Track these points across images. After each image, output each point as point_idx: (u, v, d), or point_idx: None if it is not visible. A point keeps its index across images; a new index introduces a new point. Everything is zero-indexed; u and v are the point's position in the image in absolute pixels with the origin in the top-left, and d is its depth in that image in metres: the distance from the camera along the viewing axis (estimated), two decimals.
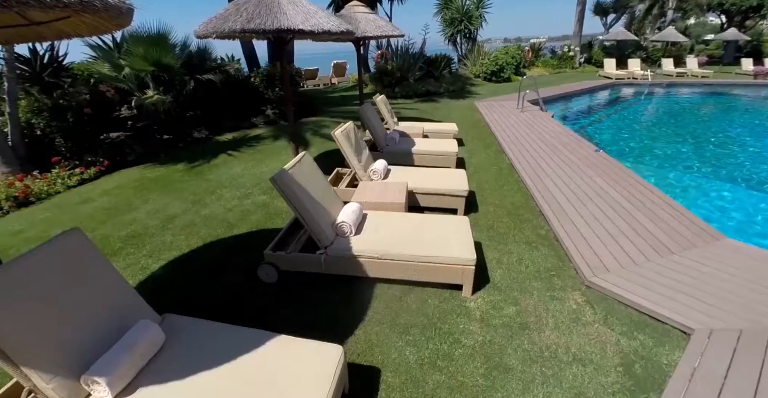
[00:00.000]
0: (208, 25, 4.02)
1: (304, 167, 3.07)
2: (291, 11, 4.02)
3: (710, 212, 4.96)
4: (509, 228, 3.98)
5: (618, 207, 4.18)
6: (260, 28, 3.76)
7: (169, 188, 5.32)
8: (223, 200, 4.84)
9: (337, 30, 4.18)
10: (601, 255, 3.32)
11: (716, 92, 14.55)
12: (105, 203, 4.94)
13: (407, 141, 5.94)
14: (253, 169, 5.95)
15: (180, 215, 4.48)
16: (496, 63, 15.92)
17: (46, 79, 7.66)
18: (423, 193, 4.17)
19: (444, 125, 7.18)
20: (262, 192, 5.04)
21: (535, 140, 7.12)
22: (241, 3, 4.13)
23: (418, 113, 10.49)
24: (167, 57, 7.73)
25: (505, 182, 5.25)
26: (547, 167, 5.61)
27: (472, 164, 6.03)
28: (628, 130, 9.51)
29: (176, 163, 6.47)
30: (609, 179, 4.95)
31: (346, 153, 4.17)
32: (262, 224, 4.17)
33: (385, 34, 6.86)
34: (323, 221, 2.95)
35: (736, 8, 24.23)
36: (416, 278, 2.89)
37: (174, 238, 3.94)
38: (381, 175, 4.34)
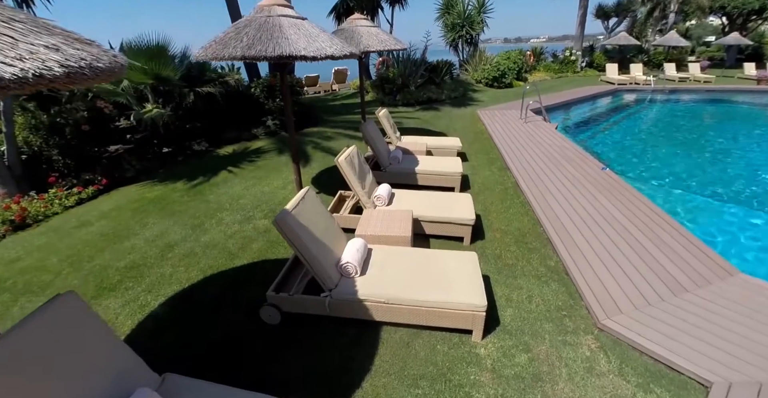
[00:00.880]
0: (207, 49, 3.92)
1: (307, 205, 2.97)
2: (293, 36, 3.93)
3: (722, 240, 4.80)
4: (517, 259, 3.89)
5: (627, 235, 4.08)
6: (261, 55, 3.66)
7: (168, 210, 5.22)
8: (224, 225, 4.75)
9: (340, 54, 4.07)
10: (613, 292, 3.23)
11: (721, 99, 14.43)
12: (103, 228, 4.84)
13: (411, 160, 5.85)
14: (254, 188, 5.85)
15: (179, 242, 4.38)
16: (497, 69, 15.82)
17: (43, 93, 7.57)
18: (429, 221, 4.07)
19: (447, 140, 7.08)
20: (263, 215, 4.94)
21: (540, 154, 7.02)
22: (242, 26, 4.03)
23: (420, 122, 10.39)
24: (167, 70, 7.63)
25: (511, 204, 5.15)
26: (552, 187, 5.52)
27: (476, 183, 5.94)
28: (632, 142, 9.40)
29: (175, 180, 6.37)
30: (617, 202, 4.85)
31: (350, 180, 4.08)
32: (264, 253, 4.07)
33: (388, 48, 6.76)
34: (327, 263, 2.85)
35: (737, 11, 24.11)
36: (424, 322, 2.80)
37: (173, 270, 3.85)
38: (385, 201, 4.25)
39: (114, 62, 1.55)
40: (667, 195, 6.07)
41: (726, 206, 5.74)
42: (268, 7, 4.15)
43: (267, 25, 3.95)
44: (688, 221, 5.15)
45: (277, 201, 5.34)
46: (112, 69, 1.53)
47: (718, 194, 6.16)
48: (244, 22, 4.06)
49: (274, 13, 4.10)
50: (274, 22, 4.00)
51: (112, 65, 1.53)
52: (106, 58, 1.50)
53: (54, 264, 4.08)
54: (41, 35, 1.36)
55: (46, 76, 1.21)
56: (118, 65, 1.58)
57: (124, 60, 1.68)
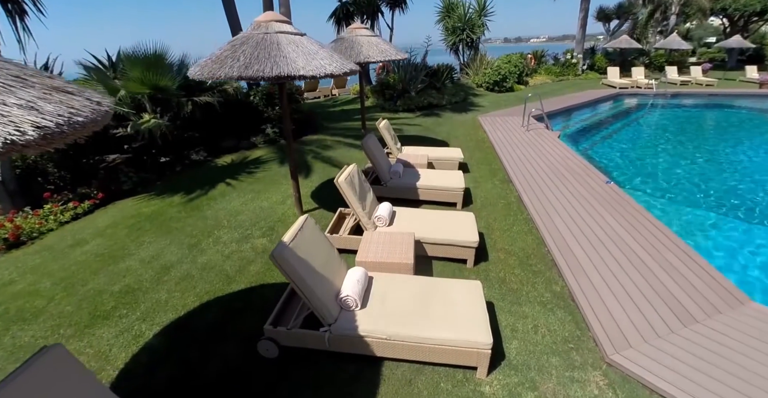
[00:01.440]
0: (203, 68, 3.82)
1: (306, 235, 2.87)
2: (291, 53, 3.83)
3: (729, 261, 4.64)
4: (522, 283, 3.79)
5: (634, 258, 3.98)
6: (259, 75, 3.56)
7: (164, 227, 5.12)
8: (221, 244, 4.65)
9: (340, 72, 3.97)
10: (621, 322, 3.13)
11: (725, 105, 14.28)
12: (98, 247, 4.74)
13: (412, 173, 5.74)
14: (252, 203, 5.75)
15: (176, 263, 4.28)
16: (498, 73, 15.71)
17: None
18: (431, 243, 3.97)
19: (449, 151, 6.98)
20: (262, 234, 4.84)
21: (542, 166, 6.92)
22: (238, 43, 3.94)
23: (421, 129, 10.29)
24: (164, 79, 7.53)
25: (515, 221, 5.05)
26: (556, 202, 5.41)
27: (479, 197, 5.84)
28: (634, 151, 9.25)
29: (173, 194, 6.27)
30: (622, 220, 4.75)
31: (350, 201, 3.98)
32: (262, 277, 3.97)
33: (388, 58, 6.68)
34: (326, 297, 2.75)
35: (739, 13, 23.98)
36: (427, 359, 2.71)
37: (169, 295, 3.75)
38: (386, 221, 4.15)
39: (97, 111, 1.45)
40: (672, 210, 5.95)
41: (734, 222, 5.59)
42: (266, 24, 4.06)
43: (264, 43, 3.86)
44: (694, 239, 5.04)
45: (276, 218, 5.24)
46: (95, 120, 1.42)
47: (726, 210, 6.00)
48: (241, 40, 3.96)
49: (271, 29, 4.01)
50: (271, 39, 3.91)
51: (94, 115, 1.43)
52: (87, 110, 1.40)
53: (47, 288, 3.99)
54: (14, 90, 1.25)
55: (18, 143, 1.11)
56: (101, 113, 1.48)
57: (109, 105, 1.58)
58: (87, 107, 1.41)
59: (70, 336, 3.31)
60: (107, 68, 8.25)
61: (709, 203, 6.29)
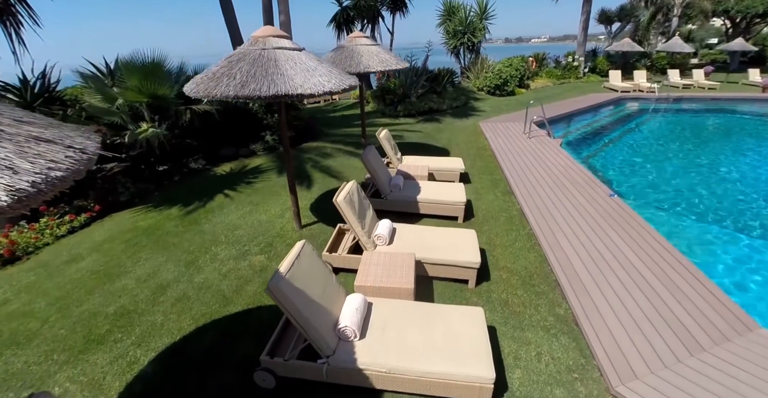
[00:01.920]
0: (198, 85, 3.75)
1: (303, 263, 2.80)
2: (289, 71, 3.75)
3: (738, 280, 4.53)
4: (525, 305, 3.71)
5: (639, 279, 3.90)
6: (255, 94, 3.49)
7: (161, 243, 5.05)
8: (218, 261, 4.58)
9: (339, 89, 3.90)
10: (626, 351, 3.05)
11: (729, 110, 14.13)
12: (94, 264, 4.68)
13: (413, 186, 5.67)
14: (250, 216, 5.68)
15: (172, 282, 4.21)
16: (499, 76, 15.62)
17: (37, 111, 7.43)
18: (432, 263, 3.90)
19: (449, 161, 6.90)
20: (260, 250, 4.77)
21: (544, 176, 6.84)
22: (235, 60, 3.86)
23: (421, 136, 10.21)
24: (162, 88, 7.46)
25: (517, 236, 4.98)
26: (558, 216, 5.34)
27: (480, 209, 5.76)
28: (637, 160, 9.11)
29: (170, 206, 6.20)
30: (627, 237, 4.67)
31: (350, 220, 3.90)
32: (259, 298, 3.90)
33: (389, 68, 6.60)
34: (324, 328, 2.68)
35: (741, 14, 23.86)
36: (428, 392, 2.63)
37: (165, 318, 3.68)
38: (386, 240, 4.07)
39: (79, 161, 1.37)
40: (676, 224, 5.85)
41: (743, 239, 5.45)
42: (263, 39, 3.98)
43: (261, 60, 3.78)
44: (700, 256, 4.94)
45: (275, 232, 5.17)
46: (77, 170, 1.35)
47: (732, 224, 5.88)
48: (238, 56, 3.88)
49: (269, 45, 3.93)
50: (269, 56, 3.83)
51: (76, 165, 1.35)
52: (69, 161, 1.32)
53: (42, 309, 3.92)
54: None
55: None
56: (83, 162, 1.40)
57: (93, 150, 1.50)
58: (68, 158, 1.34)
59: (64, 362, 3.24)
60: (105, 76, 8.20)
61: (715, 216, 6.18)
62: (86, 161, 1.43)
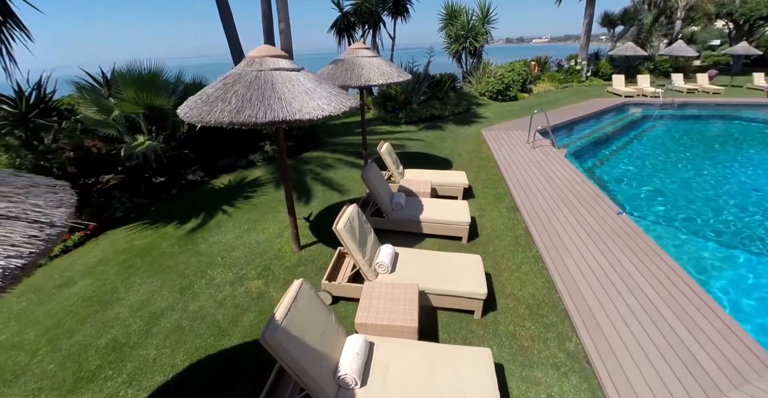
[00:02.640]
0: (192, 109, 3.60)
1: (300, 306, 2.64)
2: (287, 94, 3.60)
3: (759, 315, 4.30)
4: (533, 339, 3.55)
5: (651, 310, 3.74)
6: (251, 121, 3.33)
7: (156, 265, 4.91)
8: (214, 287, 4.43)
9: (339, 112, 3.74)
10: (642, 395, 2.89)
11: (736, 116, 13.91)
12: (86, 289, 4.53)
13: (415, 204, 5.51)
14: (248, 235, 5.53)
15: (166, 311, 4.07)
16: (502, 81, 15.46)
17: (33, 122, 7.30)
18: (436, 294, 3.74)
19: (453, 175, 6.73)
20: (257, 274, 4.62)
21: (549, 190, 6.68)
22: (230, 82, 3.71)
23: (423, 145, 10.06)
24: (159, 99, 7.32)
25: (523, 259, 4.82)
26: (565, 236, 5.18)
27: (485, 228, 5.60)
28: (643, 172, 8.91)
29: (167, 223, 6.05)
30: (638, 262, 4.51)
31: (350, 249, 3.75)
32: (256, 330, 3.75)
33: (391, 81, 6.43)
34: (323, 377, 2.52)
35: (745, 17, 23.65)
36: None
37: (158, 352, 3.53)
38: (388, 268, 3.92)
39: (47, 240, 1.22)
40: (688, 244, 5.66)
41: (763, 262, 5.28)
42: (260, 60, 3.83)
43: (258, 83, 3.63)
44: (712, 282, 4.77)
45: (273, 254, 5.02)
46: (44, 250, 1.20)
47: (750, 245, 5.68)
48: (233, 78, 3.73)
49: (266, 66, 3.78)
50: (266, 78, 3.68)
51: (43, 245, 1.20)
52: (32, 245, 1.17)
53: (31, 340, 3.78)
54: None
55: None
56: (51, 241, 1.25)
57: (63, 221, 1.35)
58: (33, 239, 1.18)
59: None
60: (102, 86, 8.07)
61: (729, 236, 5.97)
62: (55, 238, 1.27)
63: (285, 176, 4.63)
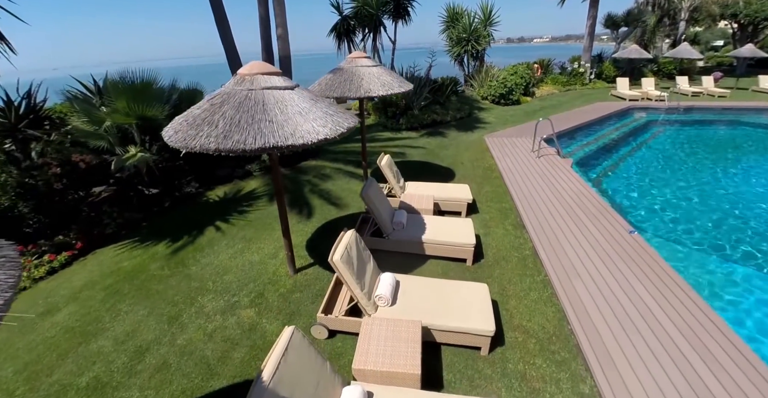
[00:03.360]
0: (177, 132, 3.34)
1: (291, 361, 2.39)
2: (279, 116, 3.35)
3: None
4: (545, 380, 3.30)
5: (671, 346, 3.49)
6: (239, 147, 3.08)
7: (144, 291, 4.66)
8: (204, 316, 4.17)
9: (335, 135, 3.49)
10: None
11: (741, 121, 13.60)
12: (70, 318, 4.29)
13: (417, 223, 5.26)
14: (242, 256, 5.28)
15: (152, 344, 3.82)
16: (504, 85, 15.19)
17: (23, 132, 7.07)
18: (440, 330, 3.49)
19: (456, 190, 6.47)
20: (250, 302, 4.37)
21: (556, 204, 6.43)
22: (218, 103, 3.46)
23: (425, 153, 9.81)
24: (151, 110, 7.06)
25: (531, 284, 4.56)
26: (575, 257, 4.92)
27: (490, 248, 5.35)
28: (652, 181, 8.65)
29: (158, 241, 5.81)
30: (652, 287, 4.25)
31: (348, 281, 3.50)
32: (246, 368, 3.50)
33: (391, 92, 6.18)
34: None
35: (749, 19, 23.35)
36: None
37: (141, 395, 3.28)
38: (388, 301, 3.66)
39: None
40: (703, 265, 5.39)
41: None
42: (250, 78, 3.58)
43: (248, 103, 3.38)
44: (733, 309, 4.51)
45: (267, 278, 4.77)
46: None
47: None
48: (222, 98, 3.48)
49: (257, 84, 3.52)
50: (256, 98, 3.43)
51: None
52: None
53: (8, 378, 3.54)
54: None
55: None
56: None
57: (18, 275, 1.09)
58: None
59: None
60: (94, 94, 7.83)
61: (747, 255, 5.67)
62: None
63: (281, 200, 4.38)
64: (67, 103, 7.72)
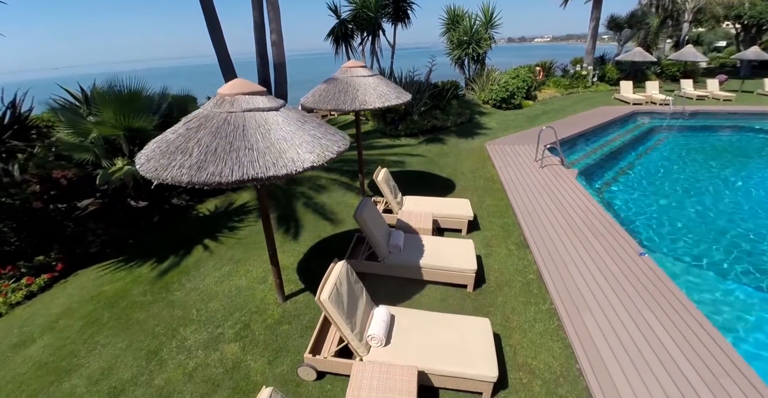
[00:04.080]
0: (149, 160, 3.06)
1: None
2: (260, 143, 3.07)
3: None
4: None
5: (687, 390, 3.19)
6: (214, 181, 2.79)
7: (124, 320, 4.38)
8: (185, 351, 3.89)
9: (324, 161, 3.20)
10: None
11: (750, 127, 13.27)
12: (44, 351, 4.02)
13: (415, 245, 4.98)
14: (228, 280, 5.00)
15: (128, 385, 3.54)
16: (506, 89, 14.87)
17: (6, 145, 6.81)
18: (438, 375, 3.20)
19: (456, 205, 6.18)
20: (234, 334, 4.08)
21: (561, 221, 6.14)
22: (194, 127, 3.17)
23: (424, 161, 9.52)
24: (139, 121, 6.78)
25: (536, 313, 4.27)
26: (582, 283, 4.64)
27: (492, 270, 5.06)
28: (659, 192, 8.34)
29: (143, 261, 5.53)
30: (667, 321, 3.96)
31: (337, 322, 3.21)
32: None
33: (389, 103, 5.90)
34: None
35: (754, 20, 22.99)
36: None
37: None
38: (382, 341, 3.38)
39: None
40: (720, 292, 5.07)
41: None
42: (230, 98, 3.29)
43: (226, 128, 3.09)
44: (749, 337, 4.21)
45: (254, 306, 4.49)
46: None
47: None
48: (199, 121, 3.20)
49: (237, 106, 3.24)
50: (236, 122, 3.14)
51: None
52: None
53: None
54: None
55: None
56: None
57: None
58: None
59: None
60: (81, 103, 7.57)
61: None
62: None
63: (268, 230, 4.09)
64: (52, 113, 7.44)
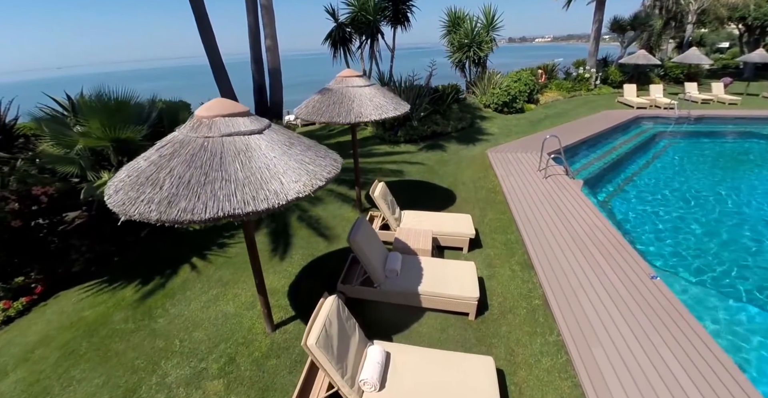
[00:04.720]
0: (117, 192, 2.77)
1: None
2: (239, 173, 2.79)
3: None
4: None
5: None
6: (186, 219, 2.50)
7: (102, 351, 4.11)
8: (165, 389, 3.62)
9: (310, 191, 2.91)
10: None
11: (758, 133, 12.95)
12: (16, 387, 3.75)
13: (413, 268, 4.70)
14: (215, 306, 4.72)
15: None
16: (508, 93, 14.57)
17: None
18: None
19: (457, 222, 5.89)
20: (218, 370, 3.80)
21: (567, 239, 5.85)
22: (167, 154, 2.88)
23: (423, 170, 9.24)
24: (126, 131, 6.49)
25: (543, 345, 3.99)
26: (591, 311, 4.35)
27: (495, 294, 4.78)
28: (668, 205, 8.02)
29: (127, 282, 5.27)
30: (684, 358, 3.68)
31: (326, 368, 2.93)
32: None
33: (386, 115, 5.63)
34: None
35: (759, 22, 22.65)
36: None
37: None
38: (375, 386, 3.09)
39: None
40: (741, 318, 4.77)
41: None
42: (208, 121, 3.00)
43: (202, 156, 2.80)
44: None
45: (240, 337, 4.20)
46: None
47: None
48: (173, 147, 2.90)
49: (216, 130, 2.95)
50: (213, 148, 2.85)
51: None
52: None
53: None
54: None
55: None
56: None
57: None
58: None
59: None
60: (68, 112, 7.30)
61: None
62: None
63: (255, 259, 3.80)
64: (35, 124, 7.17)
